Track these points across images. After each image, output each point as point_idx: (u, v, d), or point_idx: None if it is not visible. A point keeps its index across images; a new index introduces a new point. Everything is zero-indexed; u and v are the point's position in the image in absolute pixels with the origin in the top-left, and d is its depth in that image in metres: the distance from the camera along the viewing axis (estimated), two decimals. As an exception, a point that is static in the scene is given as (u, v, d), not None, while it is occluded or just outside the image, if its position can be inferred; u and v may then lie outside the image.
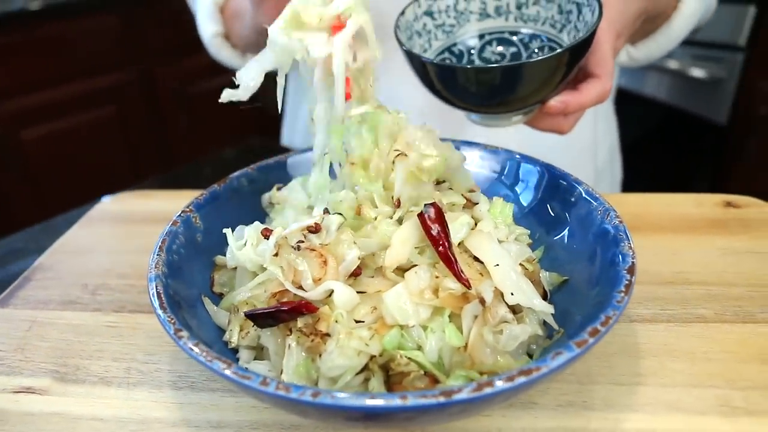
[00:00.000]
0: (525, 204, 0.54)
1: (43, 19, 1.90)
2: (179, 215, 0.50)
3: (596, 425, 0.41)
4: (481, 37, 0.63)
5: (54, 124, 2.00)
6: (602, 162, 0.94)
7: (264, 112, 0.55)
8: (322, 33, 0.45)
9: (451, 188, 0.51)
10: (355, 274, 0.43)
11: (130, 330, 0.53)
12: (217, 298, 0.49)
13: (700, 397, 0.43)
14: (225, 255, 0.52)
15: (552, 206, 0.52)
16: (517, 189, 0.55)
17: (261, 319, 0.41)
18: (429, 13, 0.60)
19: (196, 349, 0.35)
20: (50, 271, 0.62)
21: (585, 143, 0.89)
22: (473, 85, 0.51)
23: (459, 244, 0.44)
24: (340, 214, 0.45)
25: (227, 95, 0.45)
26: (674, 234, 0.61)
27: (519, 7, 0.61)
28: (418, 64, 0.54)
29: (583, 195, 0.50)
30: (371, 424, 0.36)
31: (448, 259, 0.41)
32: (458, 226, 0.45)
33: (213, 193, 0.54)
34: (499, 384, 0.32)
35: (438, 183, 0.51)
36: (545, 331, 0.44)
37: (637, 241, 0.44)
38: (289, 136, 1.10)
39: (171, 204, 0.73)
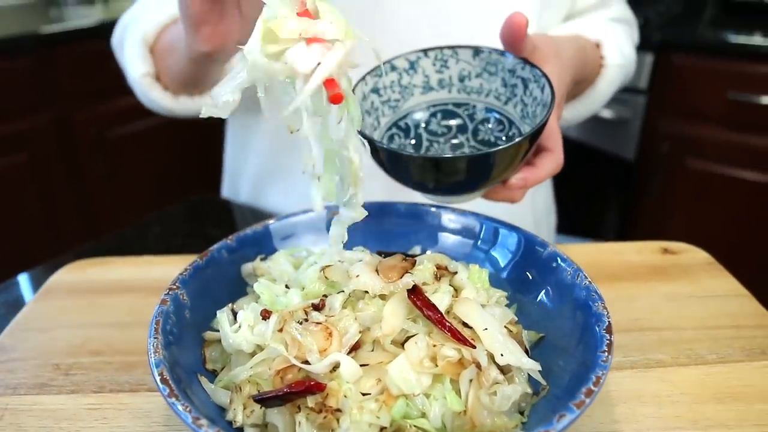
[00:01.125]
0: (499, 266, 0.58)
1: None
2: (167, 293, 0.50)
3: (586, 473, 0.45)
4: (428, 109, 0.65)
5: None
6: (540, 211, 1.01)
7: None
8: (300, 43, 0.42)
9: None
10: (355, 347, 0.45)
11: (115, 412, 0.52)
12: (211, 375, 0.50)
13: (670, 439, 0.48)
14: (213, 330, 0.52)
15: (523, 268, 0.56)
16: (491, 252, 0.59)
17: (270, 401, 0.42)
18: (375, 90, 0.62)
19: (218, 437, 0.36)
20: (14, 352, 0.60)
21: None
22: (435, 174, 0.53)
23: (447, 312, 0.47)
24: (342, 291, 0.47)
25: (207, 110, 0.43)
26: (625, 282, 0.67)
27: (461, 79, 0.64)
28: (371, 147, 0.55)
29: (553, 256, 0.54)
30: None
31: (450, 330, 0.44)
32: (440, 296, 0.48)
33: (196, 267, 0.54)
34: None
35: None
36: (532, 388, 0.47)
37: None
38: (231, 189, 1.10)
39: (131, 271, 0.73)
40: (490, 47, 0.61)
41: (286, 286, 0.51)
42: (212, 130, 0.94)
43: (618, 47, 0.86)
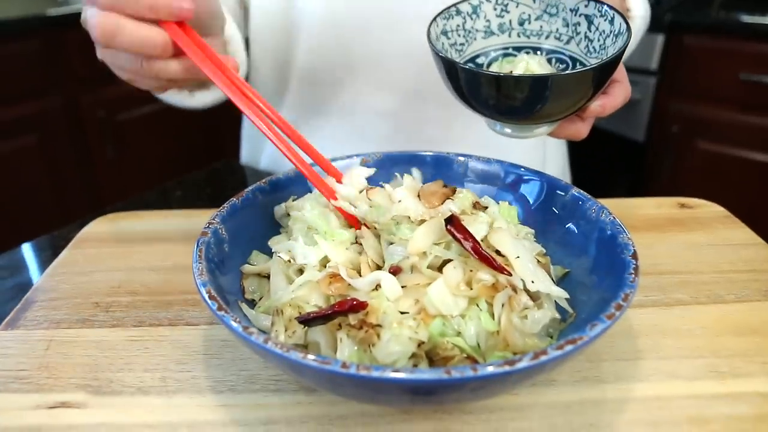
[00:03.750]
0: (523, 207, 0.60)
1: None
2: (207, 227, 0.52)
3: (611, 395, 0.47)
4: (489, 53, 0.66)
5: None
6: (554, 171, 1.02)
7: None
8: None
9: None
10: (395, 272, 0.47)
11: (155, 343, 0.54)
12: (251, 303, 0.52)
13: (692, 366, 0.50)
14: (250, 264, 0.55)
15: (548, 208, 0.58)
16: (516, 195, 0.61)
17: (314, 321, 0.44)
18: (444, 32, 0.63)
19: (269, 344, 0.38)
20: (54, 292, 0.62)
21: (533, 164, 0.95)
22: (518, 93, 0.52)
23: (482, 240, 0.49)
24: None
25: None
26: (644, 232, 0.69)
27: (521, 23, 0.65)
28: (454, 71, 0.55)
29: (576, 197, 0.56)
30: (432, 399, 0.40)
31: (485, 258, 0.45)
32: (478, 226, 0.50)
33: (233, 206, 0.56)
34: (552, 352, 0.37)
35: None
36: (560, 315, 0.49)
37: None
38: (250, 156, 1.12)
39: (162, 223, 0.75)
40: None
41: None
42: (219, 111, 0.95)
43: None
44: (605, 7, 0.57)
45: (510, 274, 0.47)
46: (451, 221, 0.46)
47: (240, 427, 0.45)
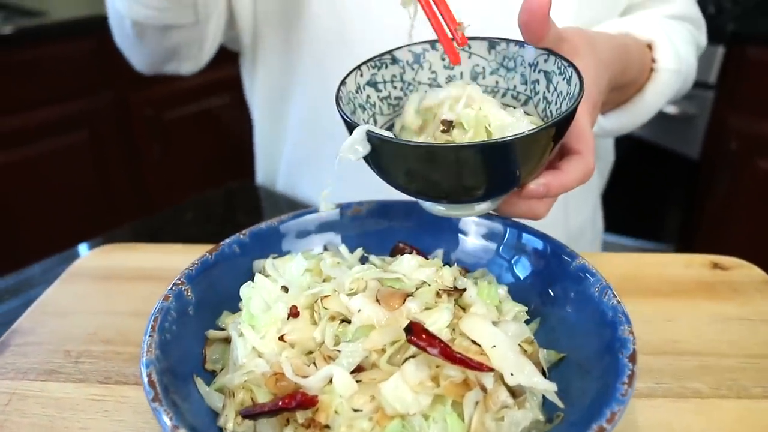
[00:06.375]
0: (522, 276, 0.54)
1: (16, 44, 1.87)
2: (171, 289, 0.49)
3: None
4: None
5: (24, 149, 1.96)
6: (575, 228, 0.92)
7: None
8: None
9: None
10: (357, 370, 0.42)
11: (117, 405, 0.51)
12: (210, 375, 0.48)
13: (700, 481, 0.43)
14: (216, 329, 0.51)
15: (548, 279, 0.52)
16: (514, 260, 0.55)
17: (259, 416, 0.40)
18: (373, 84, 0.53)
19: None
20: (31, 335, 0.60)
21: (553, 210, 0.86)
22: (436, 166, 0.43)
23: (453, 329, 0.44)
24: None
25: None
26: (665, 298, 0.62)
27: (474, 77, 0.55)
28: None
29: (580, 269, 0.50)
30: None
31: (459, 361, 0.40)
32: (438, 314, 0.44)
33: (204, 262, 0.53)
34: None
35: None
36: (545, 415, 0.43)
37: (629, 305, 0.46)
38: (266, 176, 1.09)
39: (155, 259, 0.73)
40: (507, 38, 0.53)
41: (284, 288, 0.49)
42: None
43: (673, 49, 0.74)
44: (564, 63, 0.48)
45: (492, 370, 0.41)
46: (411, 330, 0.40)
47: None
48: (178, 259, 0.71)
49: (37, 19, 2.03)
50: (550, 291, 0.52)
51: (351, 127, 0.45)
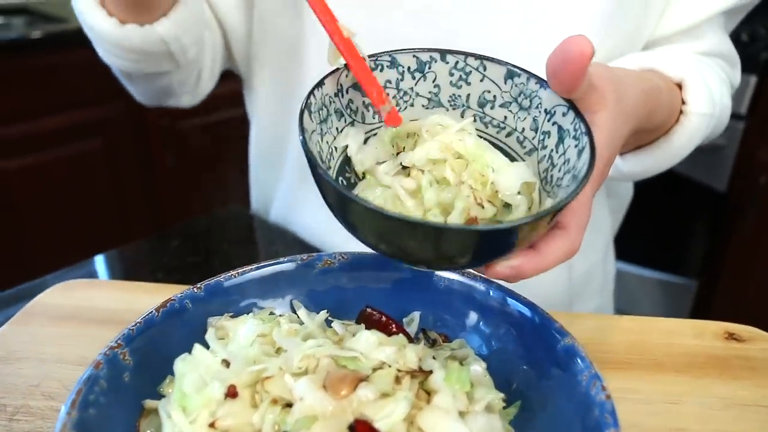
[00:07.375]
0: (505, 348, 0.48)
1: (39, 49, 1.87)
2: (104, 354, 0.44)
3: None
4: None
5: (38, 155, 1.95)
6: (580, 277, 0.84)
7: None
8: None
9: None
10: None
11: (43, 476, 0.46)
12: (141, 454, 0.43)
13: None
14: (155, 397, 0.45)
15: (533, 357, 0.46)
16: (497, 330, 0.49)
17: None
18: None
19: None
20: (-28, 383, 0.55)
21: None
22: (414, 239, 0.37)
23: (412, 422, 0.38)
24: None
25: None
26: (674, 375, 0.54)
27: (482, 105, 0.46)
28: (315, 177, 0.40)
29: (569, 351, 0.44)
30: None
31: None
32: (394, 405, 0.38)
33: (148, 321, 0.47)
34: None
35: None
36: None
37: (631, 381, 0.44)
38: (259, 205, 1.05)
39: (118, 299, 0.68)
40: (529, 72, 0.45)
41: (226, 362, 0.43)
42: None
43: (707, 91, 0.65)
44: (582, 128, 0.40)
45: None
46: (355, 430, 0.34)
47: None
48: (143, 300, 0.66)
49: (60, 25, 2.03)
50: (533, 370, 0.46)
51: (310, 159, 0.40)
